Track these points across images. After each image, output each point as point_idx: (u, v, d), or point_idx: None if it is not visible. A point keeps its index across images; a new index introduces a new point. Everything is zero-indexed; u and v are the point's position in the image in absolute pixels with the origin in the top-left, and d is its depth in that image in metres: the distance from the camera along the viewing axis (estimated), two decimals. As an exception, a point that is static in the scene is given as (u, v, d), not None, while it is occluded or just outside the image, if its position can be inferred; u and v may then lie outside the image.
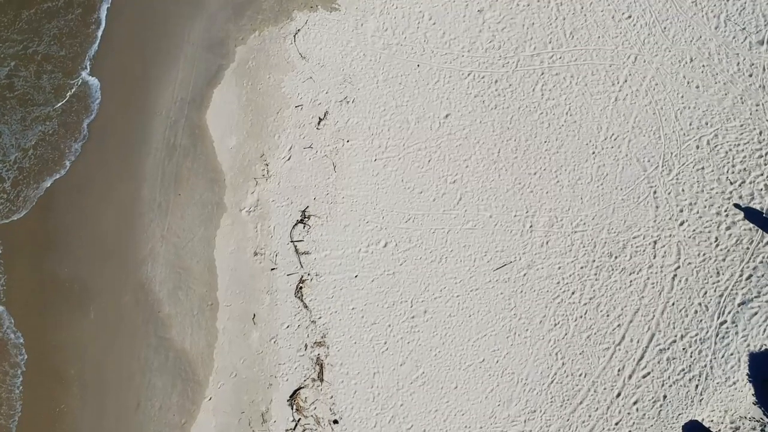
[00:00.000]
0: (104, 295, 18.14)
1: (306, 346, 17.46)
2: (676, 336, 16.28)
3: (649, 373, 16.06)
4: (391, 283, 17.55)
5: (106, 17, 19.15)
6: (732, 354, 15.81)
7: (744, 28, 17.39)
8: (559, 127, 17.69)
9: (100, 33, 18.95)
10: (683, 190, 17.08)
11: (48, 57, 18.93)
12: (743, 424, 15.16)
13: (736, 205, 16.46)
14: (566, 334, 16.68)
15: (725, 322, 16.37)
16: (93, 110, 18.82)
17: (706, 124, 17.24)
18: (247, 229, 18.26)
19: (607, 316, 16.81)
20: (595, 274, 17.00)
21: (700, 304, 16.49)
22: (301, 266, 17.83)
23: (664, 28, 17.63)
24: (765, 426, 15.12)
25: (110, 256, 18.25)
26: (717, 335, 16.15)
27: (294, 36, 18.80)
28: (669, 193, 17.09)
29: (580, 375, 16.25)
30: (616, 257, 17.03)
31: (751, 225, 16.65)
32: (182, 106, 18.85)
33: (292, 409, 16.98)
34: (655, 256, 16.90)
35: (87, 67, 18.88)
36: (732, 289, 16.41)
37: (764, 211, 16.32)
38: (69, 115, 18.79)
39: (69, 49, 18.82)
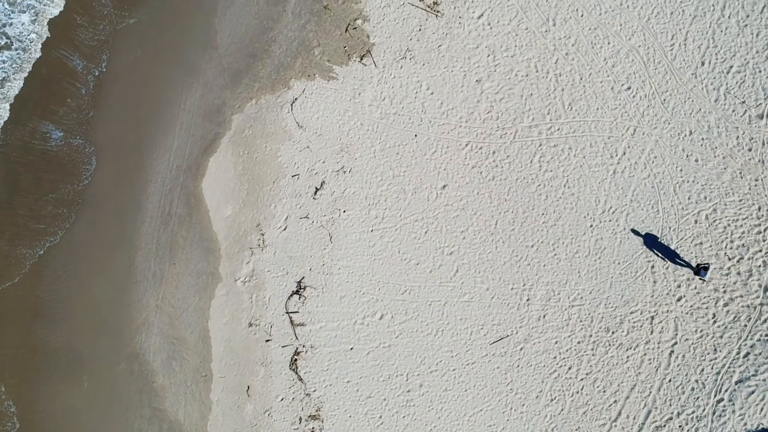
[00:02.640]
0: (98, 365, 23.43)
1: (300, 419, 22.66)
2: (672, 413, 21.32)
3: (640, 452, 21.01)
4: (387, 355, 22.75)
5: (101, 83, 24.58)
6: (722, 433, 20.72)
7: (744, 102, 22.54)
8: (557, 200, 22.89)
9: (95, 99, 24.30)
10: (681, 266, 22.11)
11: (45, 120, 24.36)
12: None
13: (633, 230, 21.43)
14: (562, 410, 21.78)
15: (722, 400, 21.36)
16: (87, 177, 24.18)
17: (705, 198, 22.37)
18: (242, 300, 23.54)
19: (604, 391, 21.88)
20: (592, 349, 22.09)
21: (697, 381, 21.51)
22: (296, 338, 23.09)
23: (664, 100, 22.85)
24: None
25: (104, 325, 23.57)
26: (714, 413, 21.14)
27: (291, 105, 24.17)
28: (667, 268, 22.22)
29: (572, 453, 21.27)
30: (613, 332, 22.15)
31: (749, 302, 21.67)
32: (178, 174, 24.21)
33: (287, 484, 22.17)
34: (652, 332, 22.00)
35: (81, 133, 24.29)
36: (729, 367, 21.42)
37: (673, 246, 21.31)
38: (62, 182, 24.17)
39: (64, 114, 24.32)
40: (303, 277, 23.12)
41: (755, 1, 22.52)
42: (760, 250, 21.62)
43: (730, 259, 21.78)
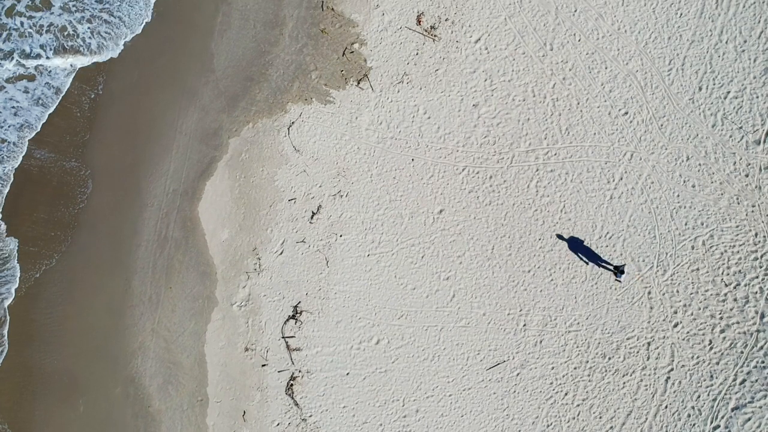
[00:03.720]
0: (93, 389, 26.02)
1: (297, 445, 25.17)
2: (668, 440, 23.75)
3: (633, 478, 23.44)
4: (383, 381, 25.30)
5: (97, 106, 27.32)
6: (715, 460, 23.12)
7: (741, 127, 25.10)
8: (554, 225, 25.46)
9: (91, 121, 27.04)
10: (678, 291, 24.71)
11: (40, 143, 27.12)
12: None
13: (558, 235, 23.85)
14: (558, 437, 24.25)
15: (718, 427, 23.85)
16: (83, 200, 26.86)
17: (702, 224, 24.91)
18: (238, 324, 26.14)
19: (600, 417, 24.39)
20: (589, 375, 24.61)
21: (693, 407, 24.01)
22: (293, 363, 25.64)
23: (661, 125, 25.42)
24: None
25: (100, 349, 26.16)
26: (710, 440, 23.58)
27: (288, 128, 26.82)
28: (663, 294, 24.73)
29: (565, 479, 23.72)
30: (609, 358, 24.66)
31: (745, 329, 24.18)
32: (174, 197, 26.86)
33: None
34: (648, 358, 24.50)
35: (77, 155, 27.00)
36: (725, 394, 23.91)
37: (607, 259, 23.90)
38: (58, 204, 26.84)
39: (59, 136, 27.04)
40: (299, 302, 25.66)
41: (752, 26, 25.01)
42: (757, 277, 24.08)
43: (726, 285, 24.27)
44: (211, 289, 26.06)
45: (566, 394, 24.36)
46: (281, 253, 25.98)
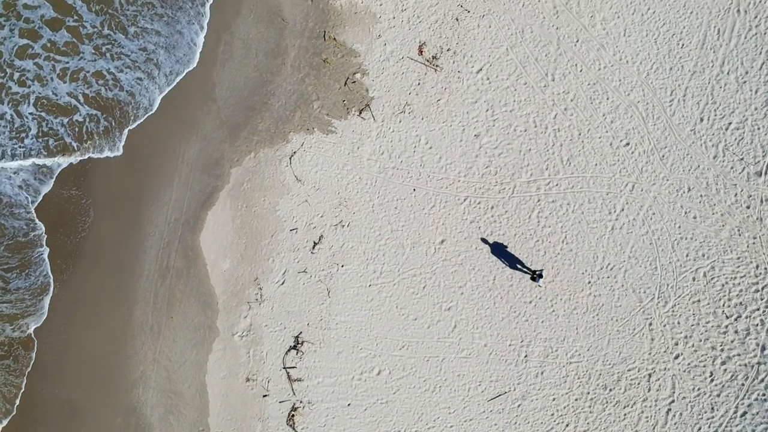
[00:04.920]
0: (94, 418, 29.29)
1: (298, 475, 28.35)
2: (669, 472, 26.77)
3: None
4: (384, 412, 28.47)
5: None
6: (713, 491, 26.08)
7: (742, 159, 28.26)
8: (555, 256, 28.63)
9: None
10: (679, 323, 27.83)
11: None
12: None
13: (483, 239, 27.39)
14: (559, 469, 27.32)
15: None
16: (84, 229, 30.21)
17: (703, 255, 28.04)
18: (240, 354, 29.38)
19: None
20: (590, 407, 27.73)
21: None
22: (294, 393, 28.85)
23: (662, 156, 28.60)
24: None
25: (101, 378, 29.42)
26: (711, 472, 26.58)
27: (290, 158, 30.14)
28: (664, 326, 27.86)
29: None
30: (610, 390, 27.79)
31: (746, 361, 27.26)
32: (176, 227, 30.18)
33: None
34: (649, 390, 27.62)
35: (78, 184, 30.40)
36: (726, 426, 27.00)
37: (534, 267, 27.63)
38: (59, 233, 30.23)
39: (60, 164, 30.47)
40: (300, 332, 28.90)
41: (754, 58, 28.23)
42: (758, 309, 27.20)
43: (727, 317, 27.39)
44: (213, 319, 29.28)
45: (567, 425, 27.42)
46: (283, 283, 29.19)
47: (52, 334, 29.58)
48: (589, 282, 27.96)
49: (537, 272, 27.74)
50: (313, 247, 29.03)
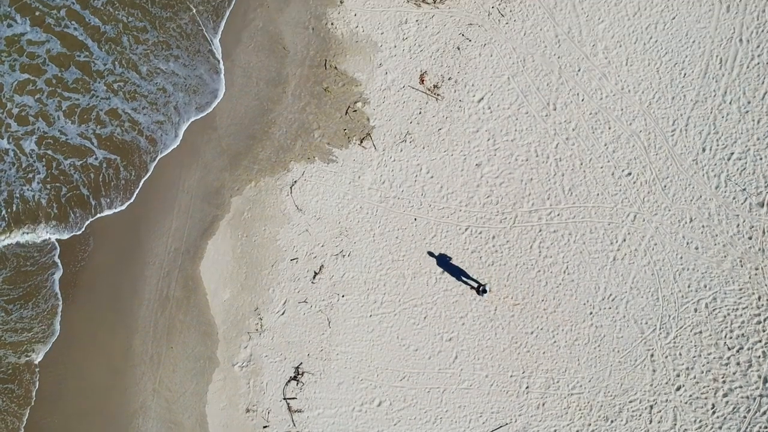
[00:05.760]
0: None
1: (298, 507, 30.61)
2: (670, 505, 28.92)
3: None
4: None
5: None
6: None
7: (744, 189, 30.54)
8: (557, 286, 30.92)
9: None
10: (680, 354, 30.07)
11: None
12: None
13: (429, 252, 29.73)
14: (559, 501, 29.52)
15: None
16: (84, 258, 32.60)
17: (705, 286, 30.30)
18: (240, 385, 31.69)
19: None
20: None
21: None
22: (294, 424, 31.13)
23: (665, 186, 30.91)
24: None
25: (100, 409, 31.73)
26: (712, 505, 28.72)
27: (290, 187, 32.51)
28: (666, 357, 30.10)
29: None
30: (612, 421, 30.02)
31: (748, 393, 29.48)
32: (176, 256, 32.54)
33: None
34: (651, 421, 29.84)
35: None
36: None
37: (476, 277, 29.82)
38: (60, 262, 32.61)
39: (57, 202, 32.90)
40: (301, 363, 31.21)
41: (756, 87, 30.58)
42: (760, 341, 29.43)
43: (729, 348, 29.63)
44: (213, 350, 31.60)
45: (569, 457, 29.58)
46: (283, 314, 31.53)
47: (51, 363, 31.88)
48: (591, 313, 30.17)
49: (482, 286, 29.87)
50: (314, 277, 31.30)
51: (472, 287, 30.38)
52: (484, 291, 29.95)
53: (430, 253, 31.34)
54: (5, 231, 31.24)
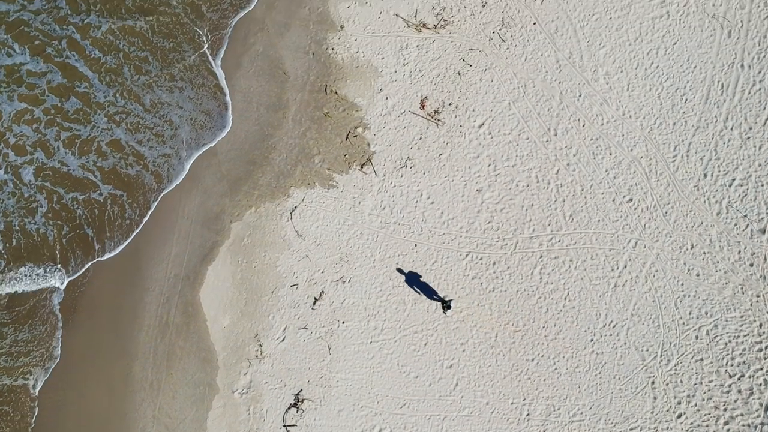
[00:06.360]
0: None
1: None
2: None
3: None
4: None
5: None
6: None
7: (746, 216, 32.19)
8: (558, 313, 32.58)
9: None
10: (681, 382, 31.68)
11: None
12: None
13: (399, 269, 31.44)
14: None
15: None
16: (84, 284, 34.35)
17: (706, 313, 31.93)
18: (239, 412, 33.37)
19: None
20: None
21: None
22: None
23: (666, 212, 32.58)
24: None
25: None
26: None
27: (290, 213, 34.26)
28: (667, 384, 31.70)
29: None
30: None
31: (749, 421, 31.08)
32: (176, 282, 34.28)
33: None
34: None
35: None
36: None
37: (440, 294, 31.58)
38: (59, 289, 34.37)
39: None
40: (301, 390, 32.89)
41: (758, 113, 32.27)
42: (761, 368, 31.01)
43: (731, 376, 31.21)
44: (213, 376, 33.29)
45: (570, 485, 31.18)
46: (283, 340, 33.22)
47: (50, 389, 33.59)
48: (592, 340, 31.78)
49: (446, 302, 31.56)
50: (314, 304, 33.01)
51: (440, 302, 32.09)
52: (448, 307, 31.67)
53: (399, 270, 32.98)
54: (3, 271, 32.74)
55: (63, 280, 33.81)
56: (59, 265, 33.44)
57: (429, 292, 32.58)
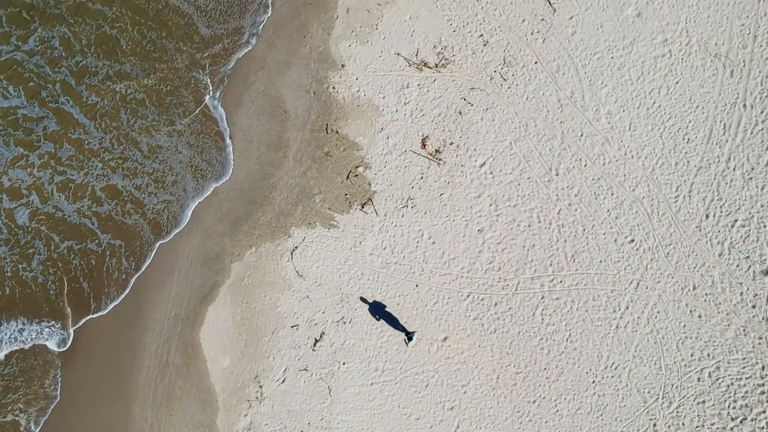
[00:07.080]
0: None
1: None
2: None
3: None
4: None
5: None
6: None
7: (748, 257, 34.12)
8: (559, 354, 34.53)
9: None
10: (683, 424, 33.57)
11: None
12: None
13: (362, 299, 33.33)
14: None
15: None
16: (83, 324, 36.43)
17: (708, 355, 33.84)
18: None
19: None
20: None
21: None
22: None
23: (668, 253, 34.54)
24: None
25: None
26: None
27: (291, 253, 36.32)
28: (669, 427, 33.59)
29: None
30: None
31: None
32: (176, 322, 36.35)
33: None
34: None
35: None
36: None
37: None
38: (57, 329, 36.47)
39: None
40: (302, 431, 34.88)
41: (760, 153, 34.22)
42: (764, 411, 32.87)
43: (733, 419, 33.08)
44: (213, 417, 35.33)
45: None
46: (283, 381, 35.25)
47: (50, 430, 35.56)
48: (594, 381, 33.71)
49: (410, 334, 33.52)
50: (315, 344, 35.03)
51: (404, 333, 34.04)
52: (410, 339, 33.63)
53: (363, 299, 34.99)
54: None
55: (58, 342, 36.23)
56: (53, 322, 35.76)
57: (393, 322, 34.36)
